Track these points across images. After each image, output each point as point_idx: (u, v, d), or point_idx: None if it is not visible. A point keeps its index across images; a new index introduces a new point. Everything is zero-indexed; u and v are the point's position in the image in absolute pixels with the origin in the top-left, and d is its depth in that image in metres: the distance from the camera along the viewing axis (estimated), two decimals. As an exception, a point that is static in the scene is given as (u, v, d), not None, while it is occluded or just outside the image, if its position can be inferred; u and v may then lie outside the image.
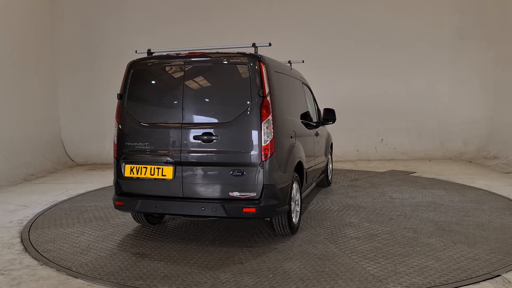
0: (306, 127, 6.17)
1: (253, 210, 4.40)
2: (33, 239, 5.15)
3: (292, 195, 5.04)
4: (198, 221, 5.75)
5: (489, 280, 3.80)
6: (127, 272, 4.09)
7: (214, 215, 4.50)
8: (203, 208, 4.50)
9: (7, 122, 9.67)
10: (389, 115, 12.23)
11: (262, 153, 4.44)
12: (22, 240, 5.08)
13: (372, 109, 12.17)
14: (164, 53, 5.01)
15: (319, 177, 7.17)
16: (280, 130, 4.70)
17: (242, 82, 4.58)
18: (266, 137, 4.46)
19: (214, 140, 4.52)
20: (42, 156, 10.71)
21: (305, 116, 6.23)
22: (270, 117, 4.49)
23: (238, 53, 4.67)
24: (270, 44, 4.77)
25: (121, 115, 4.92)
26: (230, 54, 4.70)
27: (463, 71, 12.05)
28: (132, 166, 4.79)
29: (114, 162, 4.93)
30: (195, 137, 4.56)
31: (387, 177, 9.01)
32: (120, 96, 4.94)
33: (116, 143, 4.93)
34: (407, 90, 12.19)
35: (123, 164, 4.84)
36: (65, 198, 7.38)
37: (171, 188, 4.65)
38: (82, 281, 3.85)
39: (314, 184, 6.68)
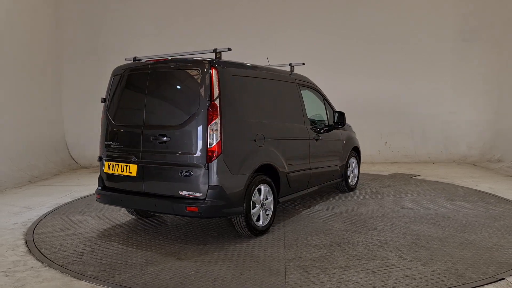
0: (298, 130, 6.09)
1: (196, 209, 4.58)
2: (41, 223, 5.95)
3: (255, 198, 5.08)
4: (185, 217, 6.05)
5: (493, 283, 3.78)
6: (78, 257, 4.55)
7: (163, 211, 4.80)
8: (155, 205, 4.82)
9: (12, 125, 9.56)
10: (392, 118, 11.93)
11: (208, 154, 4.59)
12: (26, 242, 5.16)
13: (375, 112, 11.90)
14: (149, 60, 5.42)
15: (327, 182, 6.96)
16: (232, 133, 4.78)
17: (194, 86, 4.79)
18: (212, 139, 4.59)
19: (167, 141, 4.80)
20: (46, 159, 10.59)
21: (297, 120, 6.15)
22: (217, 120, 4.61)
23: (193, 59, 4.89)
24: (229, 49, 4.87)
25: (104, 117, 5.46)
26: (186, 61, 4.94)
27: (467, 74, 11.62)
28: (109, 163, 5.30)
29: (98, 159, 5.51)
30: (152, 138, 4.89)
31: (423, 185, 8.33)
32: (104, 100, 5.50)
33: (100, 142, 5.51)
34: (411, 93, 11.84)
35: (104, 161, 5.39)
36: (69, 200, 7.42)
37: (136, 185, 5.06)
38: (86, 283, 3.93)
39: (314, 189, 6.54)
